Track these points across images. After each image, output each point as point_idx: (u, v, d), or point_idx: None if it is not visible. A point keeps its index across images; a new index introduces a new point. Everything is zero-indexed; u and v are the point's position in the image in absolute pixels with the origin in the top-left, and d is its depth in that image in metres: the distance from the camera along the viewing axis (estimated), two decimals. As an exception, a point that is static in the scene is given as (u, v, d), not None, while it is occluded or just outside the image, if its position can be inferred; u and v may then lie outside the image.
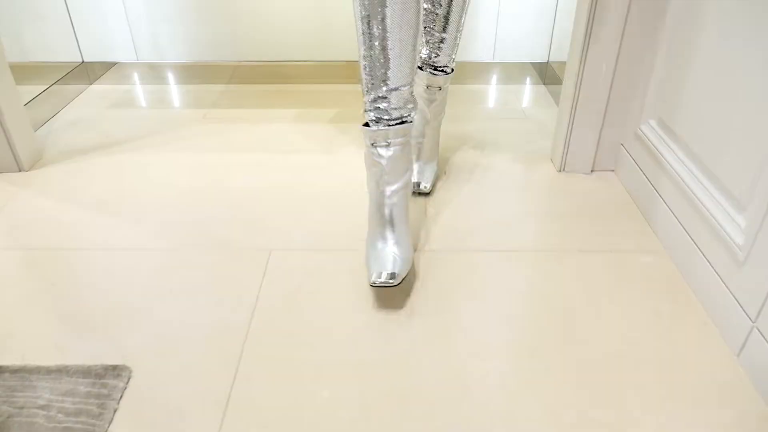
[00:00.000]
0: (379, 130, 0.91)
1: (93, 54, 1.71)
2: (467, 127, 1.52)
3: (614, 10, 1.12)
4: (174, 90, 1.74)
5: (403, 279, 0.93)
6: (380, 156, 0.92)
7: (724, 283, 0.87)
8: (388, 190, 0.94)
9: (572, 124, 1.27)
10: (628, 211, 1.18)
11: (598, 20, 1.14)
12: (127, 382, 0.81)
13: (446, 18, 1.08)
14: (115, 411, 0.77)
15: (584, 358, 0.84)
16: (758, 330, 0.80)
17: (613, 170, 1.32)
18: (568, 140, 1.29)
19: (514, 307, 0.93)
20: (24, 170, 1.31)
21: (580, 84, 1.22)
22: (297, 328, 0.90)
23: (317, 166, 1.34)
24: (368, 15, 0.84)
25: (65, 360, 0.84)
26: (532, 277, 1.00)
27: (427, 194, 1.23)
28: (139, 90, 1.73)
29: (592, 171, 1.32)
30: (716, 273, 0.90)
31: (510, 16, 1.77)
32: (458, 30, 1.11)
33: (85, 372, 0.81)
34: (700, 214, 0.95)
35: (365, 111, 0.92)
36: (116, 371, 0.82)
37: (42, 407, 0.76)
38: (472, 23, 1.79)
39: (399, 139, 0.93)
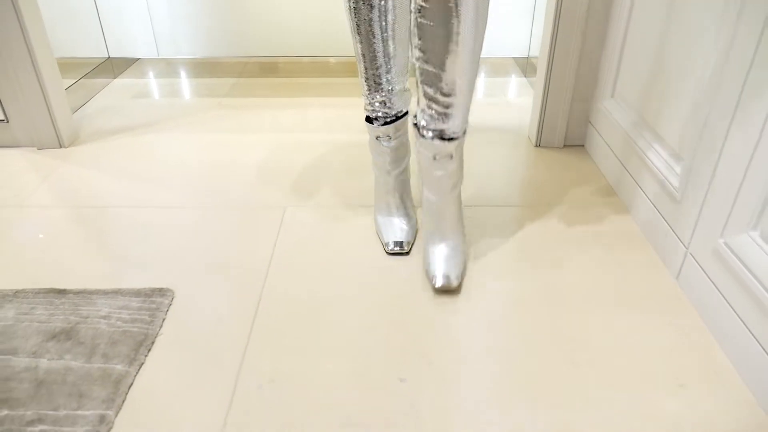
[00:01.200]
0: (380, 127, 1.03)
1: (118, 50, 1.89)
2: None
3: (578, 4, 1.31)
4: (191, 82, 1.92)
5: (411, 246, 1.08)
6: (385, 148, 1.06)
7: (664, 219, 1.05)
8: (395, 172, 1.11)
9: (545, 104, 1.45)
10: (593, 174, 1.36)
11: (564, 14, 1.33)
12: (171, 300, 0.97)
13: (451, 79, 0.84)
14: (163, 320, 0.93)
15: (551, 281, 1.01)
16: (691, 255, 0.97)
17: (583, 145, 1.51)
18: (542, 119, 1.47)
19: (495, 242, 1.11)
20: (64, 147, 1.48)
21: (551, 69, 1.40)
22: (310, 265, 1.07)
23: (325, 142, 1.52)
24: (368, 20, 0.90)
25: (119, 286, 1.01)
26: (511, 225, 1.17)
27: (454, 291, 0.98)
28: (160, 83, 1.91)
29: (564, 146, 1.50)
30: (658, 211, 1.08)
31: (494, 15, 1.96)
32: (472, 85, 0.86)
33: (136, 293, 0.98)
34: (647, 166, 1.13)
35: (367, 109, 1.03)
36: (162, 292, 0.98)
37: (103, 317, 0.93)
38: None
39: (400, 131, 1.06)
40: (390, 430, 0.75)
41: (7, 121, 1.45)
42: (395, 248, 1.07)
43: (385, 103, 1.00)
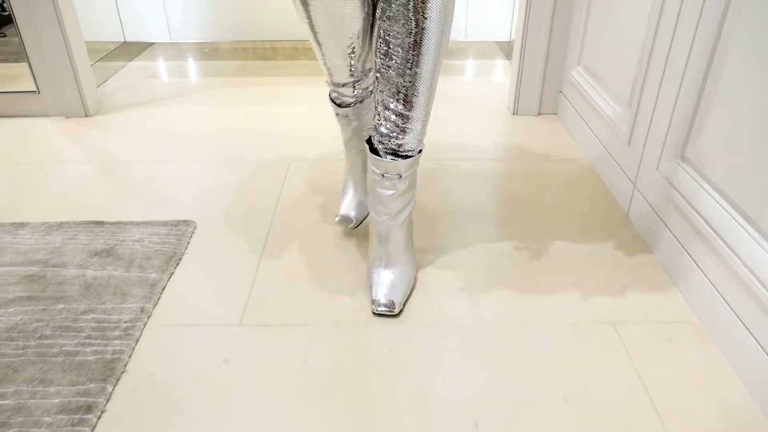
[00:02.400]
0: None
1: (133, 34, 2.06)
2: (441, 88, 1.88)
3: (547, -16, 1.49)
4: (201, 65, 2.09)
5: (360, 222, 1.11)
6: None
7: (616, 161, 1.23)
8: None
9: (521, 77, 1.63)
10: (561, 135, 1.53)
11: (536, -8, 1.51)
12: (194, 230, 1.14)
13: (412, 87, 0.83)
14: (187, 243, 1.10)
15: (520, 217, 1.18)
16: (638, 189, 1.14)
17: (555, 113, 1.68)
18: (518, 90, 1.65)
19: (471, 186, 1.28)
20: (90, 116, 1.65)
21: (525, 46, 1.58)
22: (310, 206, 1.23)
23: (322, 112, 1.69)
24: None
25: (148, 219, 1.17)
26: (488, 174, 1.34)
27: (394, 316, 0.93)
28: (171, 65, 2.08)
29: (538, 114, 1.68)
30: (610, 154, 1.25)
31: (479, 2, 2.14)
32: (430, 99, 0.85)
33: (164, 223, 1.15)
34: (601, 117, 1.30)
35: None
36: (186, 223, 1.15)
37: (137, 240, 1.09)
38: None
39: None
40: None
41: (39, 92, 1.61)
42: (343, 221, 1.10)
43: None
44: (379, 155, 0.89)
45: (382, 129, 0.87)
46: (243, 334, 0.89)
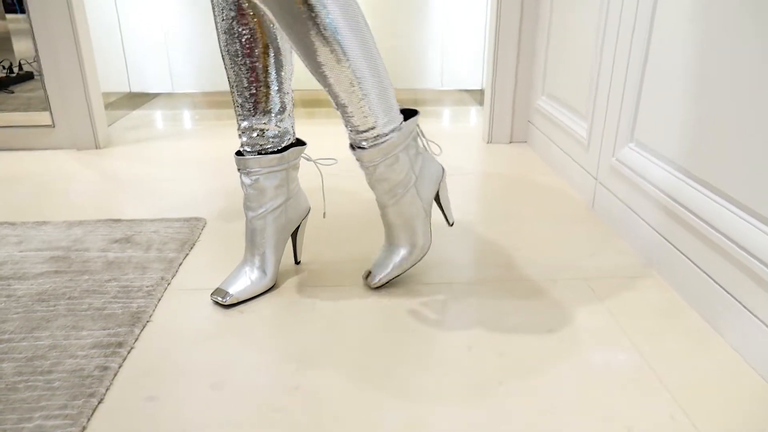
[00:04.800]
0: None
1: (138, 85, 2.24)
2: (422, 128, 2.07)
3: (512, 28, 1.72)
4: (200, 112, 2.27)
5: (239, 302, 0.96)
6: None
7: (579, 164, 1.39)
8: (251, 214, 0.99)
9: (493, 108, 1.83)
10: (531, 157, 1.71)
11: (503, 36, 1.73)
12: (204, 225, 1.25)
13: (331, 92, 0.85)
14: (199, 234, 1.21)
15: (495, 216, 1.32)
16: (600, 183, 1.30)
17: (525, 141, 1.87)
18: (491, 121, 1.84)
19: (460, 195, 1.42)
20: (100, 148, 1.79)
21: (495, 82, 1.79)
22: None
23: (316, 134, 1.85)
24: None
25: (162, 216, 1.28)
26: (469, 186, 1.49)
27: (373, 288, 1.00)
28: (174, 113, 2.26)
29: (510, 142, 1.86)
30: (574, 161, 1.42)
31: (451, 55, 2.39)
32: (352, 94, 0.84)
33: (177, 219, 1.26)
34: (565, 132, 1.48)
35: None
36: (197, 219, 1.26)
37: (153, 231, 1.20)
38: (421, 59, 2.39)
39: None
40: (377, 280, 1.02)
41: (54, 126, 1.75)
42: (216, 297, 0.96)
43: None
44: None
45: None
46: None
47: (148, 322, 0.91)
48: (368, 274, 1.00)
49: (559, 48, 1.57)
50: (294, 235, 1.05)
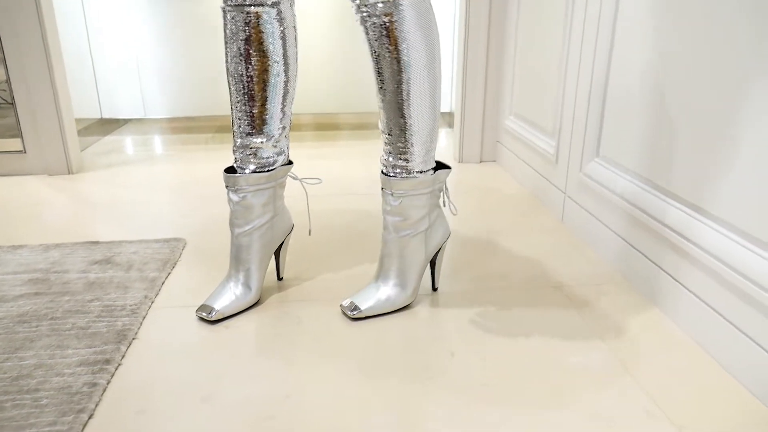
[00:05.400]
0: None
1: (110, 111, 2.24)
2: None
3: (479, 52, 1.80)
4: (172, 137, 2.27)
5: (224, 317, 0.96)
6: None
7: (548, 180, 1.46)
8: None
9: (463, 129, 1.89)
10: (501, 175, 1.77)
11: (470, 60, 1.81)
12: (184, 245, 1.26)
13: (386, 115, 0.91)
14: (180, 253, 1.21)
15: (469, 230, 1.37)
16: (569, 197, 1.36)
17: (495, 160, 1.94)
18: (462, 141, 1.91)
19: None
20: (72, 173, 1.77)
21: (464, 105, 1.86)
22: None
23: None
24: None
25: (141, 238, 1.28)
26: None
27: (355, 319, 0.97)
28: (145, 138, 2.25)
29: (480, 161, 1.93)
30: (543, 177, 1.48)
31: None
32: (418, 121, 0.90)
33: (157, 240, 1.26)
34: (533, 149, 1.55)
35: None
36: (177, 240, 1.27)
37: (133, 252, 1.20)
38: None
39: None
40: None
41: (24, 152, 1.73)
42: (201, 312, 0.96)
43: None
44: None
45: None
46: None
47: (134, 339, 0.91)
48: (349, 303, 0.97)
49: (525, 70, 1.65)
50: (277, 252, 1.07)
